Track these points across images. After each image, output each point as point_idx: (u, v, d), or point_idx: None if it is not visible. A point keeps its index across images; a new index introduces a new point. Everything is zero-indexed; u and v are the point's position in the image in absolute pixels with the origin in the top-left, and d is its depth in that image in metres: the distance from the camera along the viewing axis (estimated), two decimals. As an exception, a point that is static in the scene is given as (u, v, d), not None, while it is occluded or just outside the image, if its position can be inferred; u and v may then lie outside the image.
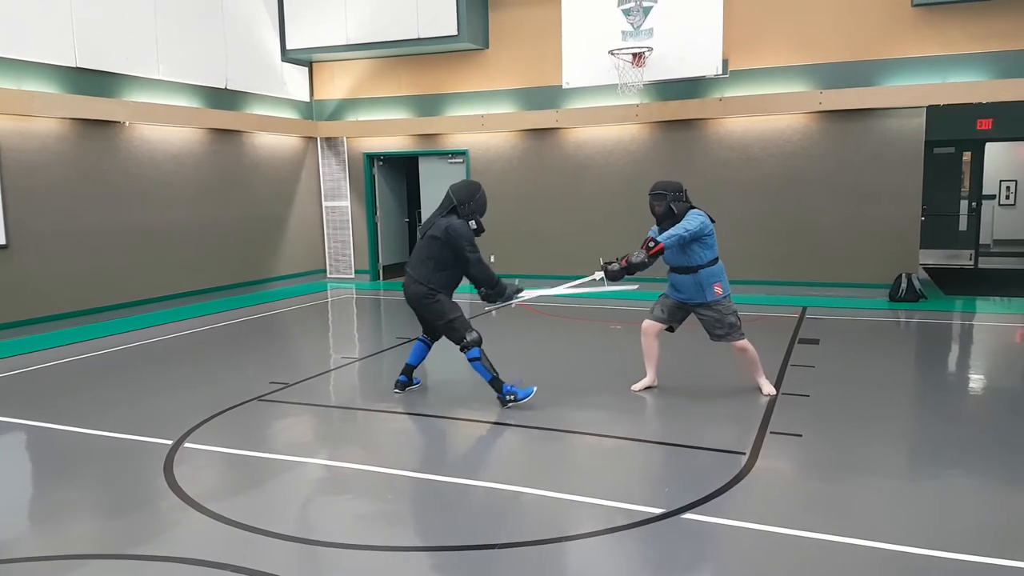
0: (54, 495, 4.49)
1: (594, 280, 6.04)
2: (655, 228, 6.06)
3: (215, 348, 8.49)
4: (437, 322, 5.89)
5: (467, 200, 5.82)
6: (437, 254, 5.77)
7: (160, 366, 7.58)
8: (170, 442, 5.21)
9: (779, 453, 4.87)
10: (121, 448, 5.20)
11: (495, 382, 5.80)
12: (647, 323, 6.23)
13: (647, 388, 6.28)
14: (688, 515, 3.97)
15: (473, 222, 5.82)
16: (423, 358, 6.37)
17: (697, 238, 5.78)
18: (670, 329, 6.24)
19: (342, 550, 3.75)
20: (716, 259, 5.91)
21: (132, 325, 9.58)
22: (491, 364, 5.82)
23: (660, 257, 5.77)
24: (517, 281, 6.13)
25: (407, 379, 6.32)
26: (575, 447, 5.27)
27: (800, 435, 5.17)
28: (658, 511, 4.01)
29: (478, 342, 5.77)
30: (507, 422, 5.63)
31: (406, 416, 5.86)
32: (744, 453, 4.82)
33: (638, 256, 5.67)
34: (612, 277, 5.79)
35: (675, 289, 6.06)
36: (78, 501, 4.38)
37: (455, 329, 5.79)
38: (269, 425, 5.75)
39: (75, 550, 3.79)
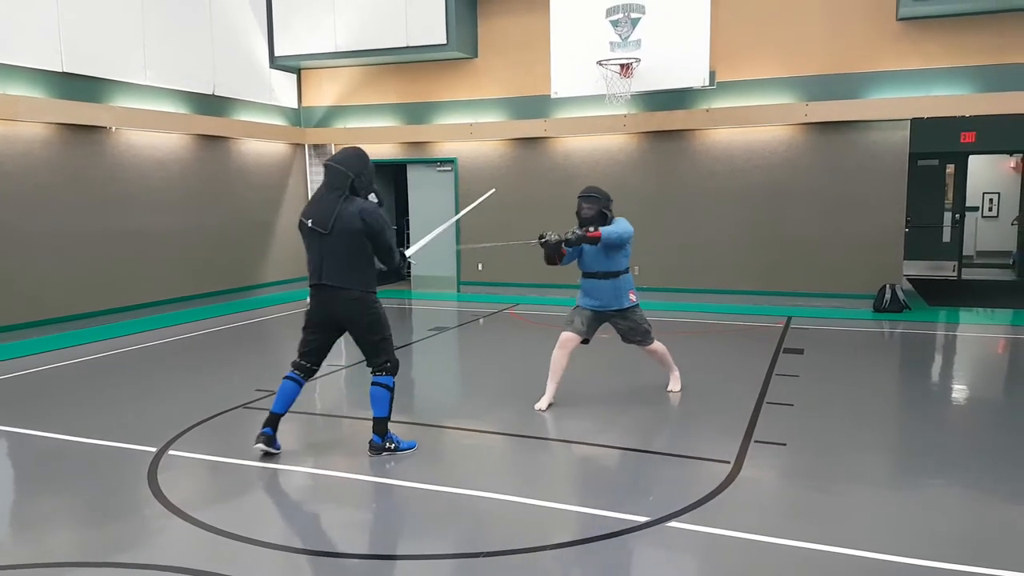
0: (37, 502, 4.45)
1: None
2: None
3: (201, 355, 8.45)
4: (372, 336, 4.88)
5: (362, 170, 4.80)
6: (365, 249, 4.77)
7: (145, 372, 7.53)
8: (154, 449, 5.18)
9: (763, 462, 4.90)
10: (105, 455, 5.16)
11: (384, 423, 4.98)
12: (568, 335, 6.04)
13: (551, 405, 6.07)
14: (673, 523, 3.99)
15: (373, 195, 4.89)
16: (293, 402, 5.08)
17: (625, 243, 5.92)
18: (585, 341, 6.16)
19: (326, 558, 3.74)
20: (629, 267, 6.06)
21: (117, 331, 9.52)
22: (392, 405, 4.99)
23: (579, 253, 5.98)
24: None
25: (272, 432, 4.99)
26: (560, 455, 5.28)
27: (784, 444, 5.20)
28: (643, 519, 4.03)
29: (398, 369, 5.00)
30: (493, 431, 5.63)
31: (391, 424, 5.84)
32: (729, 462, 4.84)
33: (574, 233, 5.73)
34: (551, 249, 5.85)
35: (589, 297, 6.05)
36: (61, 508, 4.35)
37: (385, 350, 4.90)
38: (255, 433, 5.71)
39: (58, 558, 3.76)
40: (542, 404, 6.07)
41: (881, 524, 4.00)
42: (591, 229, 5.74)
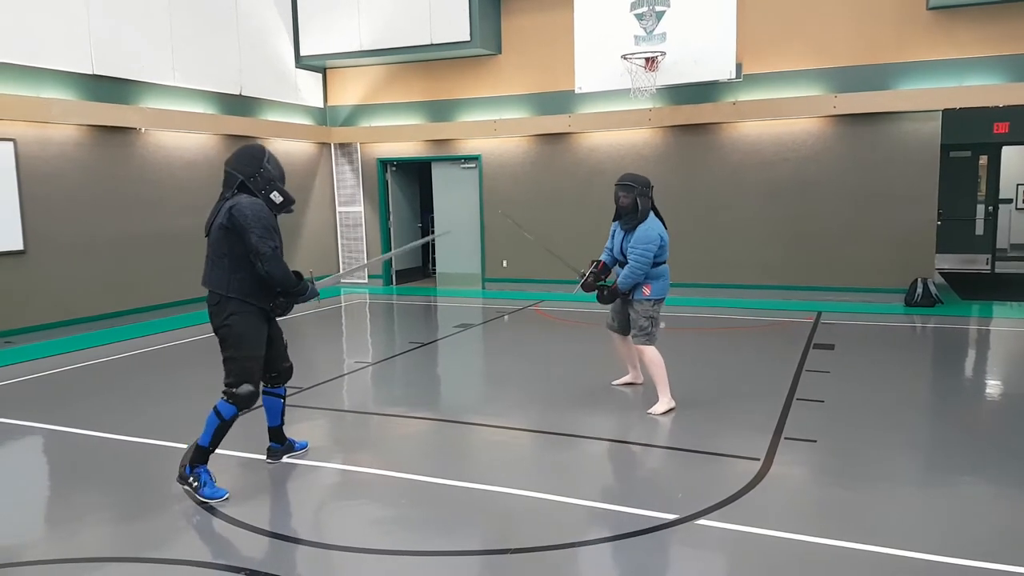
0: (70, 498, 4.53)
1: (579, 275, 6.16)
2: (615, 224, 6.01)
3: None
4: (222, 350, 4.42)
5: (255, 171, 4.39)
6: (231, 248, 4.32)
7: (175, 370, 7.62)
8: (185, 445, 5.24)
9: (793, 459, 4.85)
10: (136, 451, 5.24)
11: (202, 452, 4.40)
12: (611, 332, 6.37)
13: (629, 384, 6.57)
14: (702, 521, 3.96)
15: (276, 194, 4.45)
16: (282, 411, 4.94)
17: (647, 264, 5.73)
18: (624, 332, 6.19)
19: (355, 554, 3.75)
20: (660, 263, 5.83)
21: (147, 330, 9.65)
22: (221, 438, 4.43)
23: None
24: (311, 271, 4.93)
25: (280, 445, 4.96)
26: (589, 452, 5.26)
27: (815, 441, 5.14)
28: (672, 517, 4.00)
29: (246, 402, 4.37)
30: (519, 427, 5.62)
31: (419, 421, 5.87)
32: (758, 459, 4.79)
33: (609, 290, 5.93)
34: (587, 288, 6.07)
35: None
36: (93, 504, 4.41)
37: (231, 371, 4.37)
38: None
39: (91, 553, 3.82)
40: (619, 380, 6.61)
41: (912, 522, 3.94)
42: (623, 295, 5.89)
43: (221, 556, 3.73)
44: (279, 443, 4.97)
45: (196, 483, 4.33)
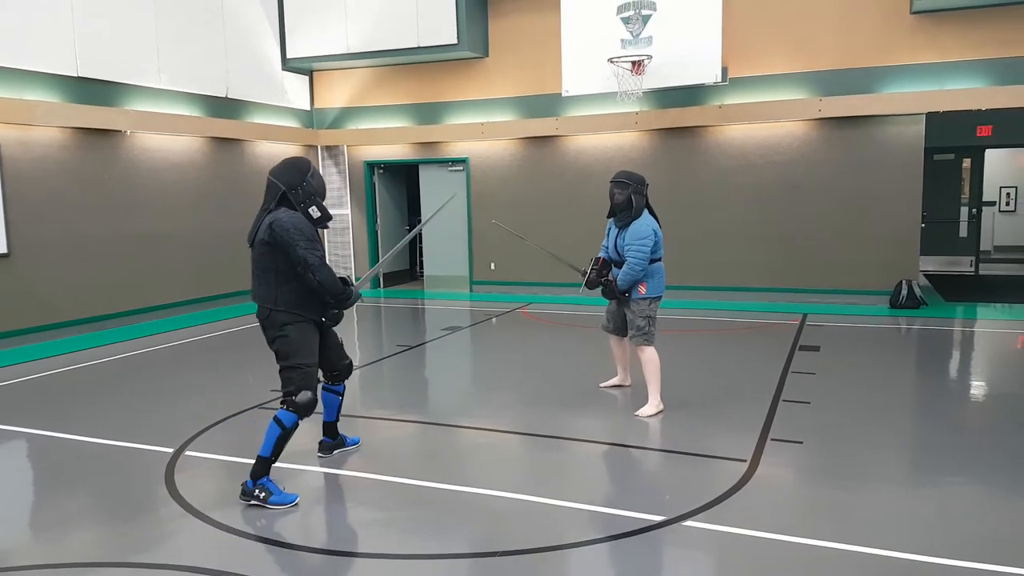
0: (56, 503, 4.49)
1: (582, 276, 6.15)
2: (610, 222, 6.02)
3: (216, 356, 8.50)
4: (278, 361, 4.48)
5: (298, 183, 4.42)
6: (275, 263, 4.38)
7: (161, 374, 7.58)
8: (171, 450, 5.22)
9: (780, 460, 4.87)
10: (122, 456, 5.20)
11: (264, 464, 4.40)
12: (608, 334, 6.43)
13: (617, 386, 6.59)
14: (689, 522, 3.97)
15: (314, 208, 4.45)
16: (339, 408, 5.12)
17: (644, 261, 5.74)
18: (622, 334, 6.23)
19: (342, 558, 3.75)
20: (655, 260, 5.84)
21: (133, 333, 9.59)
22: (283, 448, 4.45)
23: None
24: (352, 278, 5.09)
25: (332, 440, 5.14)
26: (576, 454, 5.27)
27: (801, 442, 5.17)
28: (659, 518, 4.02)
29: (307, 409, 4.43)
30: (507, 430, 5.63)
31: (406, 423, 5.86)
32: (745, 460, 4.82)
33: (603, 283, 5.95)
34: (591, 285, 6.04)
35: None
36: (80, 509, 4.38)
37: (290, 380, 4.43)
38: (270, 433, 5.75)
39: (77, 558, 3.79)
40: (606, 383, 6.63)
41: (899, 522, 3.97)
42: (620, 294, 5.88)
43: (209, 560, 3.71)
44: (331, 438, 5.13)
45: (263, 494, 4.33)
